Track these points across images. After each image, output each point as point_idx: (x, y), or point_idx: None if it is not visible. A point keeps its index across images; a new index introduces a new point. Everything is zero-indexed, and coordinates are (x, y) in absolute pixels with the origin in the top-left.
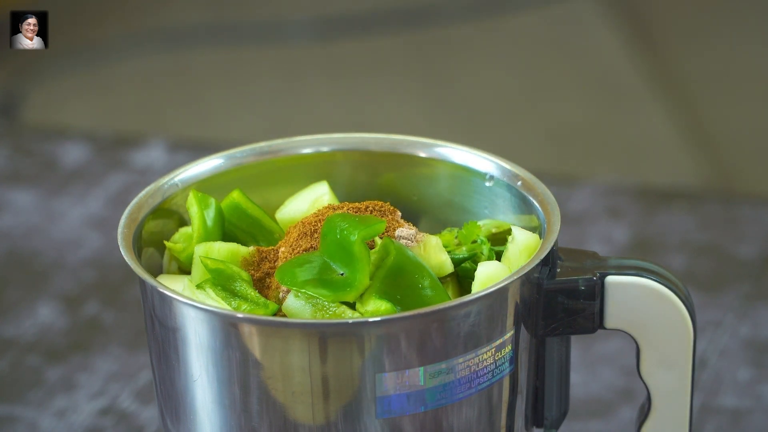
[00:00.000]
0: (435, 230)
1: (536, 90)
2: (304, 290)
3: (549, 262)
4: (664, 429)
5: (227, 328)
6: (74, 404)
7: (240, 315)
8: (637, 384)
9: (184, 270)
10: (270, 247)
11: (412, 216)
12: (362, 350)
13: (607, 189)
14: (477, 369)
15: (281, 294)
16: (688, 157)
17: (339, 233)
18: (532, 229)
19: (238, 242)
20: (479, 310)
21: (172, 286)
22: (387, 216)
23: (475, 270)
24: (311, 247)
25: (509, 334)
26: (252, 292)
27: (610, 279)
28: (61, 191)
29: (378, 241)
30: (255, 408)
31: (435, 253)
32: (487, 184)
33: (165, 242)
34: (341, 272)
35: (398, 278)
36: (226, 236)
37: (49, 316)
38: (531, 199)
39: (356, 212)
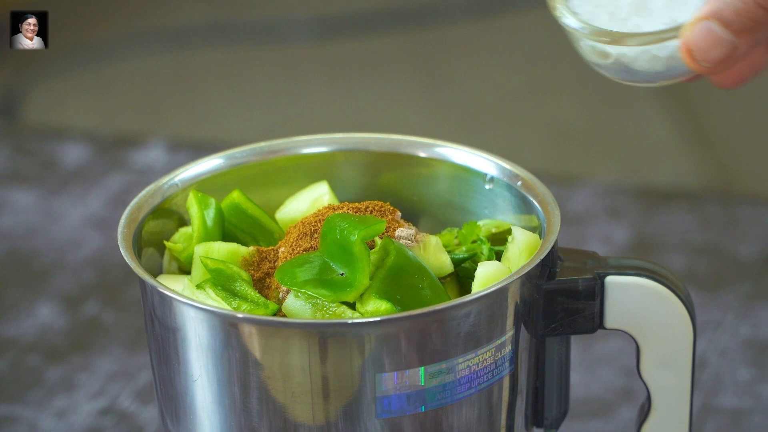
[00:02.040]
0: (435, 230)
1: (536, 90)
2: (304, 290)
3: (549, 262)
4: (664, 429)
5: (227, 328)
6: (74, 404)
7: (240, 315)
8: (637, 384)
9: (184, 270)
10: (270, 247)
11: (412, 216)
12: (362, 350)
13: (607, 189)
14: (477, 369)
15: (281, 294)
16: (688, 157)
17: (339, 233)
18: (532, 229)
19: (238, 242)
20: (479, 310)
21: (172, 286)
22: (387, 216)
23: (475, 270)
24: (311, 247)
25: (509, 334)
26: (252, 292)
27: (610, 279)
28: (61, 191)
29: (378, 241)
30: (255, 408)
31: (435, 253)
32: (487, 186)
33: (165, 242)
34: (341, 272)
35: (398, 278)
36: (226, 236)
37: (49, 316)
38: (531, 199)
39: (356, 212)
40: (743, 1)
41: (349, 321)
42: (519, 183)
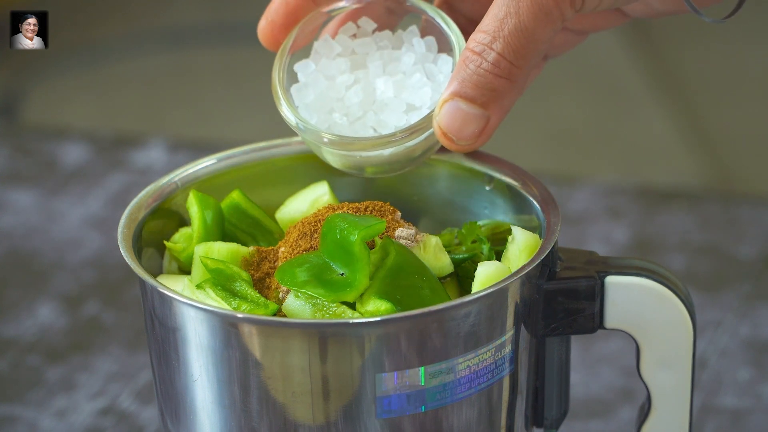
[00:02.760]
0: (435, 230)
1: (536, 90)
2: (304, 290)
3: (549, 262)
4: (664, 429)
5: (227, 328)
6: (74, 404)
7: (240, 315)
8: (637, 384)
9: (184, 270)
10: (270, 247)
11: (412, 216)
12: (362, 350)
13: (607, 189)
14: (477, 369)
15: (281, 294)
16: (688, 157)
17: (339, 233)
18: (532, 229)
19: (238, 242)
20: (479, 310)
21: (172, 286)
22: (387, 216)
23: (475, 270)
24: (311, 247)
25: (509, 334)
26: (252, 292)
27: (610, 279)
28: (61, 191)
29: (378, 241)
30: (255, 408)
31: (435, 253)
32: (487, 187)
33: (165, 242)
34: (341, 272)
35: (398, 278)
36: (226, 236)
37: (49, 316)
38: (531, 199)
39: (356, 212)
40: (480, 74)
41: (349, 321)
42: (519, 183)
